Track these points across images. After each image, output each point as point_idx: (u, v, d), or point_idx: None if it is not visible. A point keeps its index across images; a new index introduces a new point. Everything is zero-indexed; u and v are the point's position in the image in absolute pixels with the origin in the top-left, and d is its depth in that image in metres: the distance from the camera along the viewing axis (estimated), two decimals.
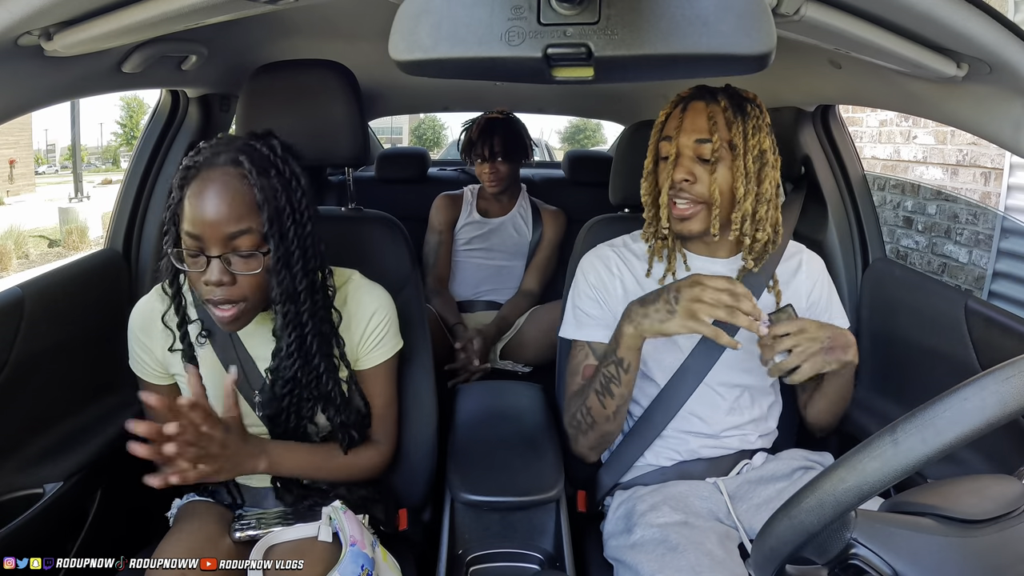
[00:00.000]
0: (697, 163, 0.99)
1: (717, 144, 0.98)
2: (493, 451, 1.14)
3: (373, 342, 0.99)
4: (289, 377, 0.92)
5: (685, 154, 0.99)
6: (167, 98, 1.42)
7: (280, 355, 0.91)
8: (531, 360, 1.87)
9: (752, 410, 1.10)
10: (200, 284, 0.83)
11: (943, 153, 3.50)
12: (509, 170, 2.00)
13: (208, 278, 0.81)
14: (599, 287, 1.09)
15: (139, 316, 0.97)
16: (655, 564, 0.91)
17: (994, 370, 0.50)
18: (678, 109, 1.02)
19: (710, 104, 1.00)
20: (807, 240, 1.42)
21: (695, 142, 0.99)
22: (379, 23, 0.63)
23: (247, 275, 0.82)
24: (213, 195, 0.80)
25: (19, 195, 13.51)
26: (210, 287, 0.81)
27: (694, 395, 1.06)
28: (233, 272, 0.82)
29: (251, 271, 0.82)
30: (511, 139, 1.98)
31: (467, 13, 0.52)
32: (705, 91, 1.02)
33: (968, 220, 3.35)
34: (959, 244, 3.41)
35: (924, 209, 3.65)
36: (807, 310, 1.11)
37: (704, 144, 0.98)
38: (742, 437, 1.09)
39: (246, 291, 0.83)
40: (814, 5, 0.67)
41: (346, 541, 0.89)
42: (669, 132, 1.01)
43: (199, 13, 0.74)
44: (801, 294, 1.11)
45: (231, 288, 0.82)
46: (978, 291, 3.26)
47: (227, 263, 0.81)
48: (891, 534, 0.54)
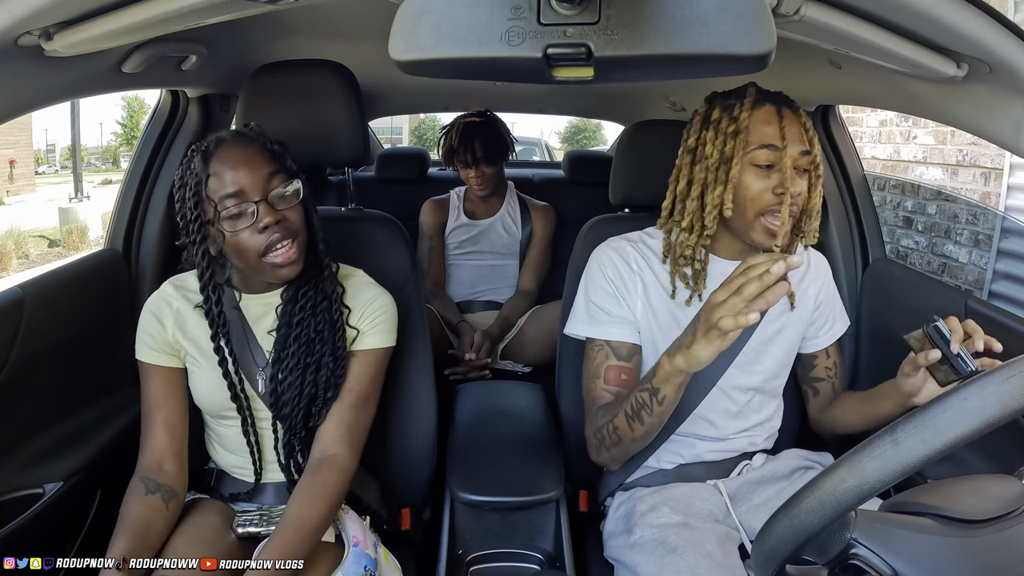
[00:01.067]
0: (797, 175, 0.94)
1: (816, 156, 0.95)
2: (493, 451, 1.14)
3: (368, 325, 1.00)
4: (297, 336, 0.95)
5: (794, 166, 0.94)
6: (167, 98, 1.42)
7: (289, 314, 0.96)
8: (531, 360, 1.87)
9: (760, 413, 1.09)
10: (253, 238, 0.89)
11: (943, 153, 3.50)
12: (495, 172, 1.98)
13: (263, 221, 0.88)
14: (617, 282, 1.04)
15: (155, 300, 1.00)
16: (654, 565, 0.91)
17: (994, 370, 0.50)
18: (768, 110, 0.95)
19: (796, 112, 0.96)
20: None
21: (800, 153, 0.94)
22: (379, 23, 0.63)
23: (291, 208, 0.92)
24: (240, 153, 0.90)
25: (19, 195, 13.52)
26: (267, 231, 0.89)
27: (706, 399, 1.04)
28: (279, 210, 0.90)
29: (292, 204, 0.92)
30: (493, 141, 1.96)
31: (467, 13, 0.52)
32: (782, 98, 0.97)
33: (968, 220, 3.35)
34: (959, 244, 3.41)
35: (924, 209, 3.65)
36: (815, 309, 1.10)
37: (805, 156, 0.94)
38: (749, 440, 1.09)
39: (295, 223, 0.92)
40: (814, 5, 0.67)
41: (349, 542, 0.89)
42: (774, 141, 0.93)
43: (199, 13, 0.74)
44: (811, 294, 1.10)
45: (284, 225, 0.90)
46: (978, 291, 3.26)
47: (271, 205, 0.90)
48: (891, 534, 0.54)
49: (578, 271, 1.21)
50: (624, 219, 1.29)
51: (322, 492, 0.89)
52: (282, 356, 0.96)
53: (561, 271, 1.33)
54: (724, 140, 0.94)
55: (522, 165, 3.44)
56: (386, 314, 1.01)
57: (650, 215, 1.26)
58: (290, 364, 0.95)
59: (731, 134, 0.94)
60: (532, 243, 2.05)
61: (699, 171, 0.97)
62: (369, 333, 0.99)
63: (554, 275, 2.05)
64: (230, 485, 1.03)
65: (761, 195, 0.94)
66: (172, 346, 0.98)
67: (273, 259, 0.90)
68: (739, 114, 0.94)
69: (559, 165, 2.62)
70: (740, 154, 0.93)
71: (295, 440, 0.97)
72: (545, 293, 2.03)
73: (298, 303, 0.96)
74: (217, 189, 0.88)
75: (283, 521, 0.86)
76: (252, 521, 0.95)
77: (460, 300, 2.04)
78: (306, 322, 0.96)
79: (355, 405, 0.96)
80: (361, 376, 0.98)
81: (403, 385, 1.15)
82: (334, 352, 0.96)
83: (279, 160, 0.93)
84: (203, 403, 1.01)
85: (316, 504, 0.87)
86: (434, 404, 1.16)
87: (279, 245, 0.90)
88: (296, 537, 0.84)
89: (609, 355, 1.04)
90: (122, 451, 1.19)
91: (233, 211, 0.88)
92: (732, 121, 0.94)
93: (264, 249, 0.89)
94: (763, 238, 0.95)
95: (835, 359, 1.15)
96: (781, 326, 1.07)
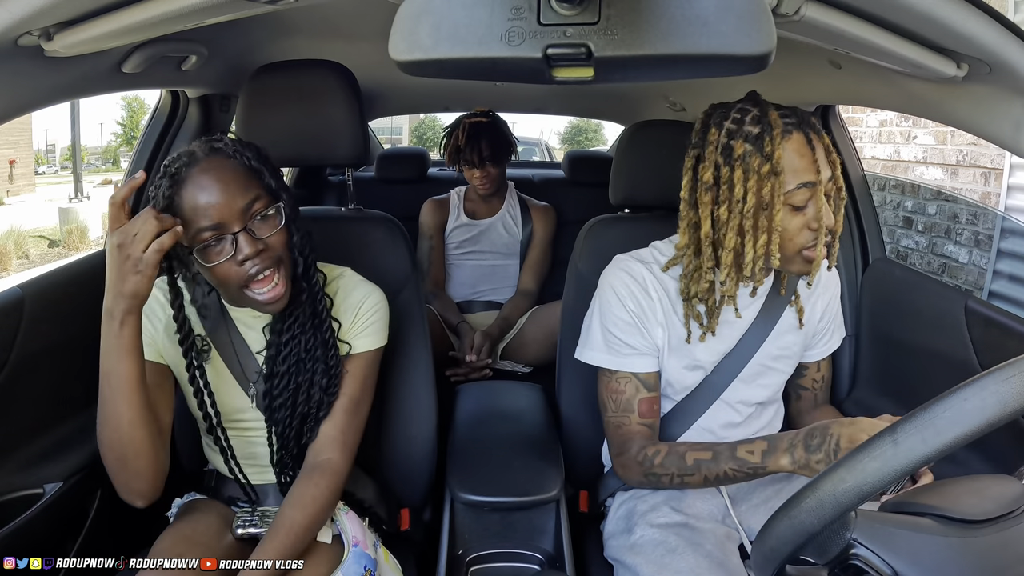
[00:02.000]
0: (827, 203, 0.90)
1: (839, 177, 0.91)
2: (493, 451, 1.14)
3: (360, 327, 0.97)
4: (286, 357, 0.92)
5: (825, 194, 0.89)
6: (167, 98, 1.42)
7: (278, 332, 0.92)
8: (531, 360, 1.87)
9: (760, 420, 1.09)
10: (233, 271, 0.83)
11: (943, 153, 3.50)
12: (499, 172, 2.00)
13: (243, 253, 0.82)
14: (638, 313, 0.99)
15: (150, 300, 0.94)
16: (654, 566, 0.91)
17: (994, 370, 0.50)
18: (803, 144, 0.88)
19: (820, 134, 0.90)
20: None
21: (828, 179, 0.89)
22: (379, 23, 0.63)
23: (273, 235, 0.85)
24: (215, 178, 0.82)
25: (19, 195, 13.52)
26: (247, 263, 0.83)
27: (710, 410, 1.04)
28: (259, 239, 0.84)
29: (275, 229, 0.85)
30: (498, 141, 1.96)
31: (467, 13, 0.52)
32: (806, 119, 0.90)
33: (968, 220, 3.35)
34: (959, 244, 3.41)
35: (924, 209, 3.65)
36: (819, 321, 1.09)
37: (831, 181, 0.90)
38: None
39: (278, 250, 0.86)
40: (814, 5, 0.67)
41: (348, 542, 0.89)
42: (811, 178, 0.87)
43: (199, 13, 0.74)
44: (818, 309, 1.08)
45: (265, 254, 0.84)
46: (978, 291, 3.26)
47: (251, 233, 0.84)
48: (891, 534, 0.54)
49: (578, 271, 1.21)
50: (624, 219, 1.29)
51: (314, 496, 0.88)
52: (274, 372, 0.93)
53: (561, 271, 1.33)
54: (759, 183, 0.86)
55: (522, 165, 3.44)
56: (377, 314, 0.98)
57: (650, 215, 1.27)
58: (281, 384, 0.93)
59: (767, 175, 0.86)
60: (532, 243, 2.06)
61: (726, 214, 0.89)
62: (361, 336, 0.97)
63: (554, 275, 2.04)
64: (230, 488, 1.02)
65: (800, 233, 0.89)
66: (160, 344, 0.94)
67: (257, 295, 0.85)
68: (772, 151, 0.85)
69: (559, 165, 2.62)
70: (779, 196, 0.86)
71: (287, 456, 0.95)
72: (545, 293, 2.03)
73: (286, 322, 0.92)
74: (192, 219, 0.81)
75: (275, 523, 0.86)
76: (251, 522, 0.95)
77: (460, 300, 2.03)
78: (296, 339, 0.92)
79: (348, 409, 0.94)
80: (353, 380, 0.95)
81: (403, 386, 1.15)
82: (327, 371, 0.93)
83: (258, 178, 0.86)
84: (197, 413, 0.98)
85: (308, 508, 0.87)
86: (434, 405, 1.16)
87: (261, 276, 0.84)
88: (288, 540, 0.84)
89: (639, 388, 1.00)
90: None
91: (211, 245, 0.82)
92: (765, 160, 0.86)
93: (246, 280, 0.84)
94: (801, 267, 0.92)
95: (824, 373, 1.15)
96: (789, 343, 1.05)
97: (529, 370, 1.86)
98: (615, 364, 1.01)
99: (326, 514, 0.90)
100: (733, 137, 0.89)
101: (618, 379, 1.01)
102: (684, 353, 1.01)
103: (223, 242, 0.83)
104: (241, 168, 0.85)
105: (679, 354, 1.02)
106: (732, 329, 1.02)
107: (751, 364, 1.03)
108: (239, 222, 0.83)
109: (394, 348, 1.12)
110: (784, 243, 0.89)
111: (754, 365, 1.04)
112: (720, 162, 0.89)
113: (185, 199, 0.81)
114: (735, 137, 0.88)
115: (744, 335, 1.03)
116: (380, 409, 1.14)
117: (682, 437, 1.04)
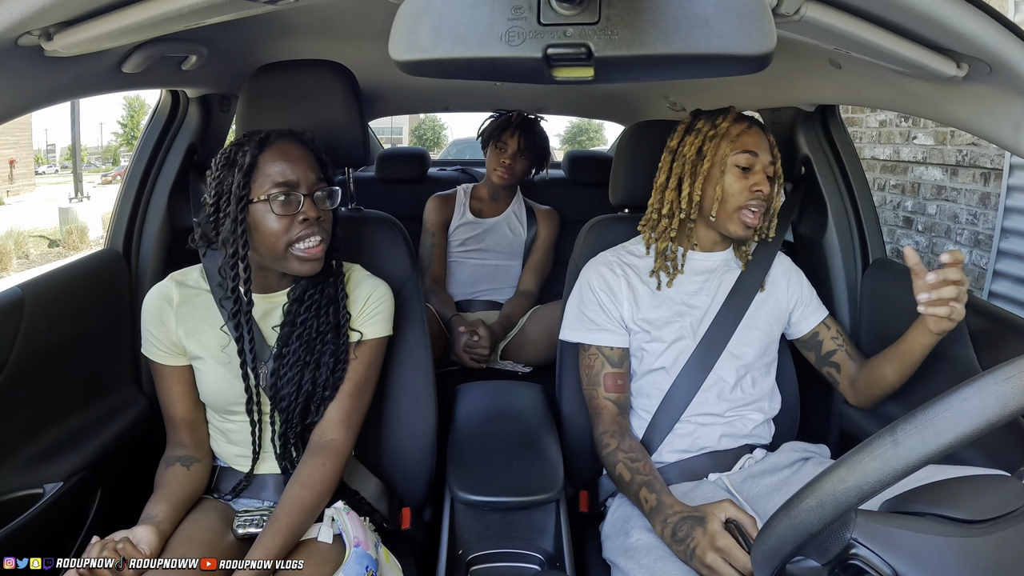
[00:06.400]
0: (765, 179, 1.11)
1: (779, 166, 1.14)
2: (493, 451, 1.14)
3: (367, 316, 1.03)
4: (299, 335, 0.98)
5: (763, 171, 1.11)
6: (167, 98, 1.42)
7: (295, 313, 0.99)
8: (531, 360, 1.87)
9: (756, 389, 1.14)
10: (287, 226, 0.93)
11: (943, 153, 3.49)
12: (524, 170, 2.04)
13: (304, 214, 0.94)
14: (605, 289, 1.14)
15: (155, 298, 1.01)
16: (645, 572, 0.92)
17: (994, 370, 0.50)
18: (745, 126, 1.11)
19: (765, 131, 1.13)
20: (807, 240, 1.43)
21: (768, 163, 1.11)
22: (379, 23, 0.63)
23: (327, 212, 0.98)
24: (296, 151, 0.96)
25: (19, 195, 13.53)
26: (305, 223, 0.94)
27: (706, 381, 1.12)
28: (319, 208, 0.96)
29: (329, 209, 0.99)
30: (538, 143, 2.07)
31: (467, 13, 0.52)
32: (755, 120, 1.14)
33: (968, 220, 3.35)
34: (959, 244, 3.41)
35: (924, 209, 3.64)
36: (797, 301, 1.21)
37: (772, 166, 1.12)
38: (745, 419, 1.12)
39: (327, 224, 0.98)
40: (814, 5, 0.67)
41: (350, 542, 0.89)
42: (753, 148, 1.10)
43: (199, 13, 0.74)
44: (782, 282, 1.20)
45: (319, 222, 0.95)
46: (978, 291, 3.26)
47: (314, 201, 0.95)
48: (891, 534, 0.54)
49: (578, 271, 1.22)
50: (624, 219, 1.29)
51: (322, 475, 0.94)
52: (284, 352, 0.99)
53: (562, 271, 1.33)
54: (703, 140, 1.11)
55: None
56: (383, 304, 1.05)
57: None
58: (291, 360, 0.98)
59: (709, 136, 1.11)
60: (536, 244, 2.06)
61: (677, 167, 1.13)
62: (368, 323, 1.03)
63: (554, 275, 2.05)
64: (231, 478, 1.03)
65: (740, 193, 1.09)
66: (177, 345, 1.00)
67: (299, 251, 0.94)
68: (720, 123, 1.11)
69: (559, 165, 2.61)
70: (719, 155, 1.10)
71: (291, 434, 0.99)
72: (545, 293, 2.03)
73: (304, 303, 1.00)
74: (269, 175, 0.93)
75: (282, 501, 0.91)
76: (252, 521, 0.95)
77: (460, 299, 2.03)
78: (310, 322, 0.99)
79: (353, 393, 1.01)
80: (360, 366, 1.02)
81: (403, 385, 1.15)
82: (335, 353, 0.99)
83: (324, 169, 0.99)
84: (210, 399, 1.01)
85: (316, 486, 0.93)
86: (434, 404, 1.16)
87: (309, 239, 0.94)
88: (299, 517, 0.90)
89: (604, 363, 1.13)
90: (122, 451, 1.19)
91: (280, 197, 0.93)
92: (713, 127, 1.11)
93: (294, 239, 0.93)
94: (739, 229, 1.11)
95: (835, 328, 1.21)
96: (759, 302, 1.17)
97: (529, 370, 1.86)
98: (585, 338, 1.15)
99: (330, 492, 0.95)
100: (698, 119, 1.14)
101: (590, 355, 1.15)
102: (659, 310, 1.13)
103: (291, 199, 0.93)
104: (314, 154, 0.99)
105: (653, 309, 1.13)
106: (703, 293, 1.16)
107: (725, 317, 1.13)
108: (307, 188, 0.95)
109: (394, 348, 1.13)
110: (726, 199, 1.10)
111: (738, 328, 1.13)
112: (683, 133, 1.15)
113: (268, 158, 0.94)
114: (699, 118, 1.14)
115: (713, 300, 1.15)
116: (380, 408, 1.14)
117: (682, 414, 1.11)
